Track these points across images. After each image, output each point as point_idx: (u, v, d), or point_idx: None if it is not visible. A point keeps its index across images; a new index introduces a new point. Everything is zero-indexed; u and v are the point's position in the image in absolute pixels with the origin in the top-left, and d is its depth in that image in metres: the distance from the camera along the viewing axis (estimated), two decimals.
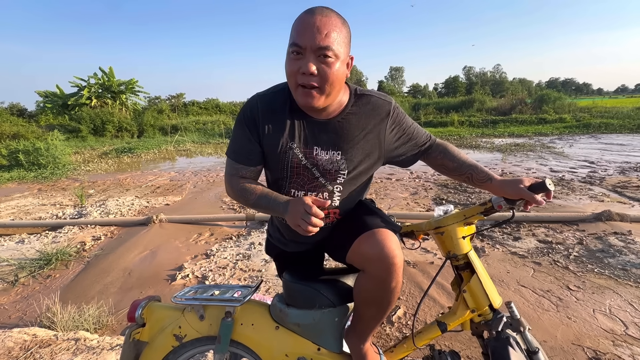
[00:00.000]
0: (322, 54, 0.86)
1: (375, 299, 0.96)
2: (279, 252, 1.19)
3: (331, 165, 1.00)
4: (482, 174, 1.06)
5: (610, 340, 1.80)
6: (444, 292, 2.31)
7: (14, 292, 2.62)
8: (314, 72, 0.87)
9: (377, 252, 0.90)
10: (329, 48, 0.86)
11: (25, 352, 1.77)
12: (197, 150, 12.13)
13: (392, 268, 0.90)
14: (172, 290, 2.54)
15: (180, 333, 1.06)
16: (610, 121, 14.14)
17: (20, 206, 5.30)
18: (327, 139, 1.00)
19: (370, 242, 0.92)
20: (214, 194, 5.57)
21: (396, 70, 69.09)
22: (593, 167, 6.37)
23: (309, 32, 0.86)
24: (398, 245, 0.93)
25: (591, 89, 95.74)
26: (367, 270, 0.95)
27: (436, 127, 16.58)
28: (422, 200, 4.69)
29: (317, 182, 1.01)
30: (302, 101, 0.92)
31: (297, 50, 0.88)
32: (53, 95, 20.75)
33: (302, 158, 1.00)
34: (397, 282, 0.93)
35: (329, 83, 0.89)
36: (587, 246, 2.95)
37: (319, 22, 0.86)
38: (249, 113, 1.00)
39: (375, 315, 1.00)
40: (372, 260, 0.92)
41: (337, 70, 0.89)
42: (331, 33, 0.86)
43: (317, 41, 0.85)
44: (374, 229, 0.94)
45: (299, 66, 0.88)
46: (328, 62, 0.87)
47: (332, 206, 1.04)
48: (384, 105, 1.03)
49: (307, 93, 0.90)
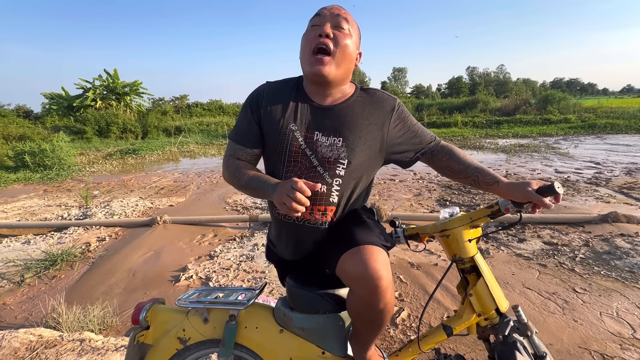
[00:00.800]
0: (338, 24, 0.96)
1: (366, 317, 0.93)
2: (279, 259, 1.17)
3: (331, 152, 0.98)
4: (489, 177, 1.04)
5: (618, 344, 1.77)
6: (449, 295, 2.29)
7: (20, 292, 2.64)
8: (330, 34, 0.94)
9: (361, 271, 0.85)
10: (345, 19, 0.97)
11: (31, 352, 1.78)
12: (201, 152, 12.17)
13: (377, 290, 0.85)
14: (176, 291, 2.54)
15: (184, 336, 1.06)
16: (616, 121, 14.00)
17: (26, 207, 5.35)
18: (329, 124, 1.00)
19: (354, 260, 0.87)
20: (217, 195, 5.59)
21: (399, 71, 68.93)
22: (599, 168, 6.31)
23: (327, 9, 0.98)
24: (385, 265, 0.87)
25: (596, 89, 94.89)
26: (352, 290, 0.92)
27: (439, 127, 16.51)
28: (425, 202, 4.66)
29: (316, 172, 0.99)
30: (313, 68, 0.95)
31: (316, 22, 0.97)
32: (58, 97, 20.94)
33: (301, 142, 0.99)
34: (385, 303, 0.88)
35: (340, 49, 0.95)
36: (594, 248, 2.92)
37: (337, 7, 1.00)
38: (255, 96, 1.05)
39: (371, 330, 0.97)
40: (355, 280, 0.87)
41: (349, 44, 0.97)
42: (348, 15, 0.99)
43: (335, 11, 0.97)
44: (360, 246, 0.89)
45: (316, 32, 0.95)
46: (343, 32, 0.96)
47: (330, 202, 1.00)
48: (389, 100, 1.05)
49: (319, 59, 0.94)
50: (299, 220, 1.02)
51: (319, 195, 0.99)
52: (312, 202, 0.99)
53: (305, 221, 1.02)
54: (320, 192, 0.99)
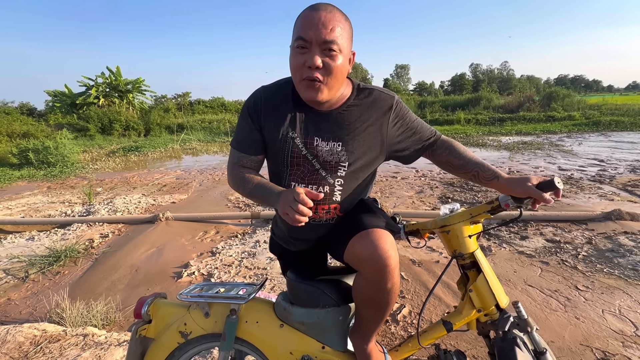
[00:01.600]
0: (327, 48, 0.89)
1: (373, 300, 0.95)
2: (282, 250, 1.19)
3: (331, 157, 0.99)
4: (489, 172, 1.04)
5: (620, 341, 1.77)
6: (450, 291, 2.29)
7: (24, 288, 2.67)
8: (320, 66, 0.89)
9: (370, 252, 0.88)
10: (334, 42, 0.89)
11: (35, 347, 1.81)
12: (203, 149, 12.20)
13: (385, 269, 0.88)
14: (178, 287, 2.56)
15: (185, 330, 1.07)
16: (620, 119, 13.88)
17: (30, 204, 5.39)
18: (328, 130, 1.00)
19: (364, 242, 0.90)
20: (219, 192, 5.60)
21: (402, 68, 68.58)
22: (603, 166, 6.27)
23: (314, 26, 0.88)
24: (393, 246, 0.91)
25: (601, 85, 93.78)
26: (361, 271, 0.94)
27: (442, 125, 16.44)
28: (427, 199, 4.65)
29: (318, 175, 1.00)
30: (306, 95, 0.94)
31: (302, 45, 0.90)
32: (62, 94, 21.03)
33: (302, 148, 1.00)
34: (392, 283, 0.91)
35: (332, 76, 0.92)
36: (597, 246, 2.91)
37: (324, 18, 0.88)
38: (252, 103, 1.04)
39: (375, 316, 0.99)
40: (365, 261, 0.90)
41: (341, 64, 0.92)
42: (336, 28, 0.89)
43: (322, 35, 0.88)
44: (368, 229, 0.92)
45: (304, 60, 0.90)
46: (333, 56, 0.90)
47: (333, 201, 1.02)
48: (387, 99, 1.04)
49: (311, 86, 0.92)
50: None
51: (323, 195, 1.01)
52: (317, 202, 1.01)
53: (310, 219, 1.03)
54: (323, 193, 1.01)
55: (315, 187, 1.00)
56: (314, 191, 0.91)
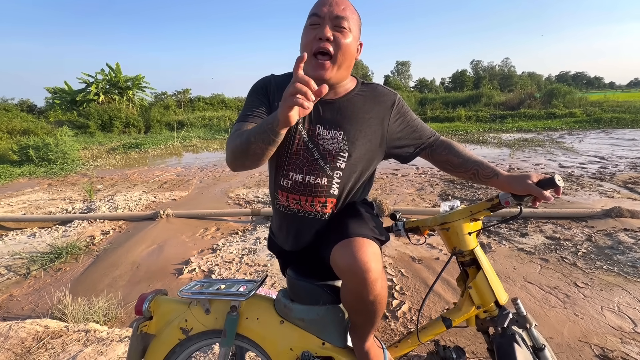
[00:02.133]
0: (338, 24, 0.93)
1: (358, 308, 0.93)
2: (280, 249, 1.19)
3: (332, 146, 1.00)
4: (488, 170, 1.04)
5: (618, 338, 1.78)
6: (449, 288, 2.30)
7: (26, 284, 2.68)
8: (330, 37, 0.92)
9: (349, 263, 0.86)
10: (345, 18, 0.93)
11: (38, 342, 1.82)
12: (203, 146, 12.20)
13: (365, 282, 0.86)
14: (179, 284, 2.57)
15: (186, 326, 1.07)
16: (622, 116, 13.83)
17: (31, 201, 5.40)
18: (330, 118, 1.01)
19: (343, 252, 0.87)
20: (220, 189, 5.61)
21: (402, 65, 68.28)
22: (603, 163, 6.26)
23: (327, 3, 0.94)
24: (374, 257, 0.87)
25: (603, 82, 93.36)
26: (343, 281, 0.93)
27: (443, 122, 16.41)
28: (428, 196, 4.66)
29: (317, 165, 1.00)
30: (314, 72, 0.94)
31: (315, 21, 0.94)
32: (61, 91, 20.99)
33: (304, 135, 1.00)
34: (374, 295, 0.88)
35: (341, 52, 0.94)
36: (596, 243, 2.91)
37: (336, 3, 0.94)
38: (262, 84, 1.06)
39: (365, 321, 0.97)
40: (344, 271, 0.87)
41: (350, 43, 0.95)
42: (347, 9, 0.95)
43: (334, 11, 0.93)
44: (350, 238, 0.89)
45: (315, 34, 0.93)
46: (343, 32, 0.94)
47: (330, 194, 1.02)
48: (390, 95, 1.06)
49: (320, 64, 0.94)
50: (300, 212, 1.03)
51: (320, 187, 1.00)
52: (313, 194, 1.00)
53: (306, 212, 1.03)
54: (320, 185, 1.00)
55: (313, 178, 1.00)
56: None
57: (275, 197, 1.08)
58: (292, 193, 1.02)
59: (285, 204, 1.05)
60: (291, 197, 1.03)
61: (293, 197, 1.03)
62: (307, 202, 1.01)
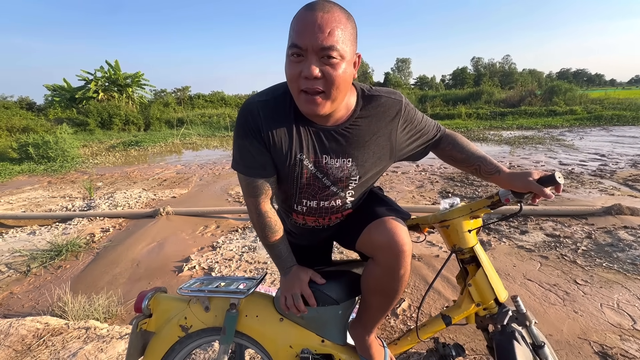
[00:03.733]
0: (325, 55, 0.78)
1: (384, 287, 0.98)
2: None
3: (342, 173, 0.97)
4: (491, 166, 1.04)
5: (618, 335, 1.78)
6: (449, 285, 2.30)
7: (26, 282, 2.69)
8: (318, 76, 0.79)
9: (387, 239, 0.92)
10: (332, 48, 0.77)
11: (38, 339, 1.83)
12: (203, 143, 12.18)
13: (401, 255, 0.92)
14: (179, 281, 2.58)
15: (186, 324, 1.07)
16: (623, 113, 13.78)
17: (31, 198, 5.40)
18: (337, 147, 0.94)
19: (380, 230, 0.94)
20: (219, 187, 5.61)
21: (403, 62, 68.06)
22: (604, 160, 6.25)
23: (309, 31, 0.76)
24: (407, 234, 0.95)
25: (604, 79, 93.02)
26: (376, 258, 0.97)
27: (443, 119, 16.36)
28: (428, 194, 4.65)
29: (329, 191, 0.99)
30: (306, 109, 0.85)
31: (297, 52, 0.79)
32: (61, 88, 20.92)
33: (312, 168, 0.95)
34: (405, 269, 0.95)
35: (334, 87, 0.81)
36: (596, 240, 2.91)
37: (321, 20, 0.76)
38: (252, 122, 0.90)
39: (382, 304, 1.01)
40: (381, 247, 0.93)
41: (343, 72, 0.81)
42: (335, 31, 0.77)
43: (319, 41, 0.76)
44: (384, 217, 0.96)
45: (300, 69, 0.79)
46: (333, 64, 0.79)
47: (345, 209, 1.05)
48: (394, 105, 0.97)
49: (311, 100, 0.82)
50: (318, 226, 1.09)
51: (335, 207, 1.04)
52: (330, 213, 1.04)
53: (323, 225, 1.09)
54: (335, 206, 1.03)
55: (327, 203, 1.01)
56: (319, 278, 1.03)
57: (289, 216, 1.11)
58: (309, 215, 1.05)
59: (302, 222, 1.09)
60: (308, 218, 1.06)
61: (310, 218, 1.06)
62: (324, 220, 1.06)
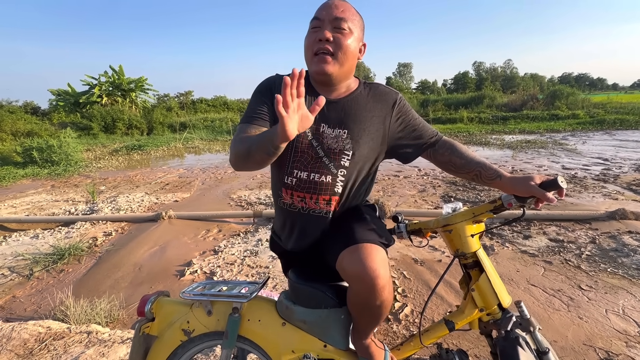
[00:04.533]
0: (337, 26, 0.96)
1: (364, 312, 0.95)
2: (282, 250, 1.19)
3: (336, 144, 1.01)
4: (491, 172, 1.03)
5: (623, 341, 1.76)
6: (452, 290, 2.29)
7: (29, 285, 2.69)
8: (329, 38, 0.96)
9: (358, 270, 0.86)
10: (344, 20, 0.96)
11: (40, 344, 1.82)
12: (205, 147, 12.23)
13: (374, 288, 0.87)
14: (181, 285, 2.57)
15: (188, 328, 1.07)
16: (625, 117, 13.75)
17: (35, 202, 5.43)
18: (335, 117, 1.02)
19: (352, 258, 0.88)
20: (222, 191, 5.62)
21: (404, 67, 68.33)
22: (607, 165, 6.22)
23: (327, 7, 0.98)
24: (383, 263, 0.88)
25: (606, 84, 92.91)
26: (350, 287, 0.93)
27: (445, 123, 16.38)
28: (430, 198, 4.64)
29: (321, 163, 1.02)
30: (317, 67, 0.97)
31: (316, 24, 0.98)
32: (65, 93, 21.13)
33: (308, 133, 1.02)
34: (381, 300, 0.90)
35: (342, 51, 0.97)
36: (600, 245, 2.89)
37: (337, 2, 0.99)
38: (266, 84, 1.07)
39: (369, 323, 0.99)
40: (353, 277, 0.89)
41: (351, 43, 0.98)
42: (347, 12, 0.98)
43: (334, 13, 0.96)
44: (358, 244, 0.89)
45: (316, 36, 0.97)
46: (343, 33, 0.97)
47: (334, 192, 1.03)
48: (391, 94, 1.08)
49: (322, 59, 0.96)
50: (304, 210, 1.05)
51: (324, 185, 1.02)
52: (318, 191, 1.02)
53: (310, 210, 1.05)
54: (325, 182, 1.02)
55: (318, 176, 1.01)
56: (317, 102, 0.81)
57: (279, 195, 1.09)
58: (297, 190, 1.03)
59: (290, 202, 1.06)
60: (296, 195, 1.04)
61: (298, 195, 1.04)
62: (311, 200, 1.03)
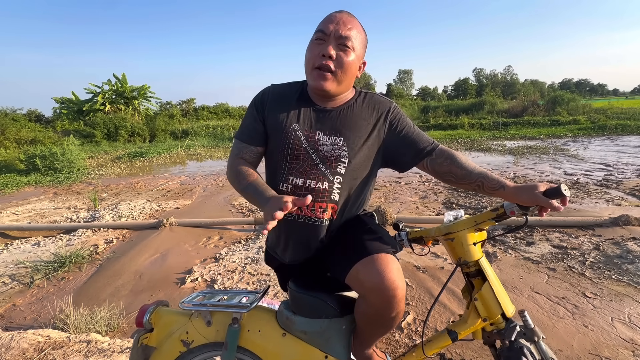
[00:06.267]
0: (342, 43, 0.97)
1: (375, 323, 0.94)
2: (279, 264, 1.17)
3: (332, 152, 1.02)
4: (494, 182, 1.01)
5: (630, 350, 1.73)
6: (455, 298, 2.26)
7: (29, 293, 2.68)
8: (333, 56, 0.97)
9: (377, 282, 0.85)
10: (349, 38, 0.97)
11: (39, 353, 1.81)
12: (207, 155, 12.27)
13: (392, 300, 0.86)
14: (182, 293, 2.56)
15: (187, 339, 1.06)
16: (627, 122, 13.73)
17: (37, 209, 5.44)
18: (330, 125, 1.04)
19: (370, 269, 0.87)
20: (223, 198, 5.62)
21: (405, 73, 68.73)
22: (609, 170, 6.19)
23: (334, 22, 0.98)
24: (400, 274, 0.88)
25: (606, 89, 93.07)
26: (366, 299, 0.91)
27: (446, 130, 16.40)
28: (431, 204, 4.62)
29: (317, 170, 1.01)
30: (316, 83, 0.99)
31: (320, 37, 0.98)
32: (69, 101, 21.35)
33: (303, 140, 1.02)
34: (397, 311, 0.90)
35: (343, 70, 0.98)
36: (604, 252, 2.86)
37: (345, 18, 0.99)
38: (261, 96, 1.10)
39: (377, 332, 0.98)
40: (370, 290, 0.87)
41: (352, 61, 0.99)
42: (353, 29, 0.99)
43: (340, 30, 0.97)
44: (373, 254, 0.89)
45: (319, 50, 0.98)
46: (346, 51, 0.98)
47: (331, 200, 1.02)
48: (386, 103, 1.11)
49: (322, 75, 0.98)
50: (300, 218, 1.03)
51: (321, 192, 1.01)
52: (315, 198, 1.01)
53: (306, 218, 1.03)
54: (322, 189, 1.01)
55: (314, 183, 1.00)
56: (301, 199, 0.85)
57: None
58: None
59: None
60: None
61: None
62: (307, 207, 1.02)
